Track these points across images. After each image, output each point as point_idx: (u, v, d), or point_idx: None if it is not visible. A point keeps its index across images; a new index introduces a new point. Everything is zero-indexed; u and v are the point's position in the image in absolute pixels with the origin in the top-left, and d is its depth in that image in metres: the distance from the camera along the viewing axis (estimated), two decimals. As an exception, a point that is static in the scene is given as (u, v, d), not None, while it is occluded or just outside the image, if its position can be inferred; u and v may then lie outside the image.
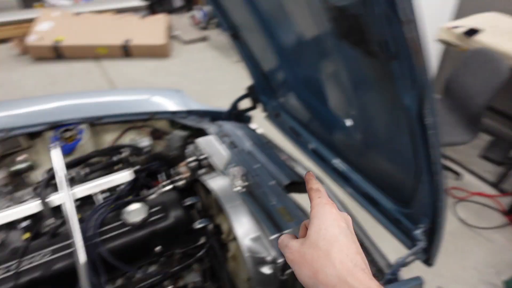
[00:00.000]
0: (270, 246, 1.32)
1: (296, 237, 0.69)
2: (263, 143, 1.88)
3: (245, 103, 2.13)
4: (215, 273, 1.59)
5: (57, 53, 5.62)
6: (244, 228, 1.37)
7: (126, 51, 5.71)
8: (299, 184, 1.69)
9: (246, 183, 1.52)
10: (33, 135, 1.83)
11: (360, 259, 0.61)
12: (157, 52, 5.75)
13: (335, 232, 0.63)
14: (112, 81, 5.21)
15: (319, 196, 0.69)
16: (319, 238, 0.62)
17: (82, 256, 1.17)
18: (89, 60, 5.73)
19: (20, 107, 1.88)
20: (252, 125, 2.13)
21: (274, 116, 2.00)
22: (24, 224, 1.47)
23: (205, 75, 5.24)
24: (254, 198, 1.47)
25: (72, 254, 1.27)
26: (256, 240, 1.36)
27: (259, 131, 2.05)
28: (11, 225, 1.49)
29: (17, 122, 1.73)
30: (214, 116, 2.09)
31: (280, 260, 1.29)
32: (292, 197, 1.55)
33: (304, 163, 1.82)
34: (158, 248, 1.43)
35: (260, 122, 2.16)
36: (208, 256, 1.56)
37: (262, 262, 1.33)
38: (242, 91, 2.07)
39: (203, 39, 6.40)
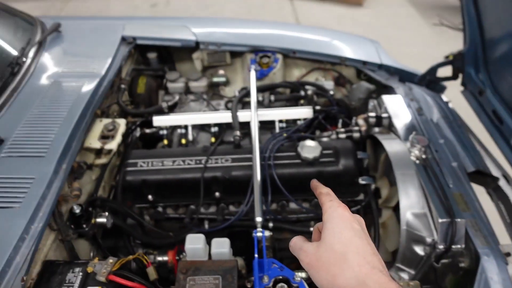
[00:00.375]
0: (435, 228, 1.23)
1: (309, 240, 0.68)
2: (453, 119, 1.68)
3: (442, 71, 1.90)
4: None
5: (258, -16, 5.95)
6: (409, 200, 1.30)
7: (321, -7, 5.67)
8: (485, 176, 1.48)
9: (424, 156, 1.41)
10: (235, 54, 2.02)
11: (377, 261, 0.60)
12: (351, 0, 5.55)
13: (350, 235, 0.62)
14: (299, 21, 5.30)
15: (330, 199, 0.68)
16: (334, 241, 0.62)
17: (258, 172, 1.28)
18: (284, -4, 5.91)
19: (229, 27, 2.08)
20: (444, 97, 1.92)
21: (476, 93, 1.74)
22: (213, 129, 1.68)
23: (394, 33, 4.85)
24: (430, 174, 1.35)
25: (249, 168, 1.41)
26: (419, 216, 1.27)
27: (451, 105, 1.84)
28: (203, 127, 1.72)
29: (227, 39, 1.92)
30: (404, 76, 1.94)
31: (441, 247, 1.19)
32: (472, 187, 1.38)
33: (495, 156, 1.58)
34: (318, 189, 1.47)
35: (450, 95, 1.92)
36: (358, 214, 1.55)
37: (418, 240, 1.25)
38: (434, 59, 1.86)
39: (404, -8, 5.88)
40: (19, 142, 1.23)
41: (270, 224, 1.47)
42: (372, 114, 1.59)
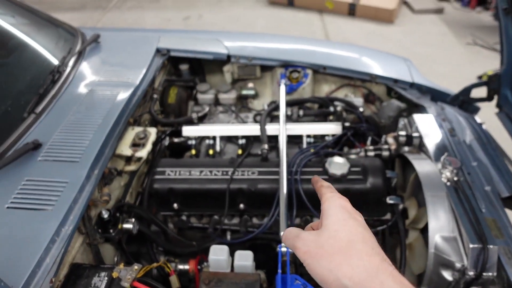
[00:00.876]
0: (465, 253, 1.18)
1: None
2: (487, 141, 1.63)
3: (476, 92, 1.86)
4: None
5: (289, 0, 6.01)
6: (439, 223, 1.26)
7: (352, 10, 5.66)
8: (520, 202, 1.43)
9: (456, 178, 1.37)
10: (265, 68, 2.04)
11: (384, 254, 0.55)
12: (382, 16, 5.51)
13: (355, 224, 0.58)
14: (329, 37, 5.30)
15: (331, 191, 0.64)
16: (339, 229, 0.57)
17: (284, 186, 1.28)
18: (314, 13, 5.94)
19: (261, 41, 2.11)
20: (478, 118, 1.86)
21: (512, 115, 1.69)
22: (241, 141, 1.69)
23: (425, 51, 4.78)
24: (461, 197, 1.31)
25: (275, 181, 1.41)
26: (448, 240, 1.23)
27: (484, 126, 1.78)
28: (230, 139, 1.74)
29: (258, 54, 1.95)
30: (436, 96, 1.90)
31: (471, 273, 1.15)
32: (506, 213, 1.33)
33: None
34: (344, 206, 1.45)
35: (484, 117, 1.87)
36: (384, 235, 1.52)
37: (447, 265, 1.21)
38: (467, 79, 1.81)
39: (438, 11, 5.76)
40: (55, 147, 1.28)
41: None
42: (403, 133, 1.56)
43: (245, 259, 1.13)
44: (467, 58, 4.58)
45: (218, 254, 1.12)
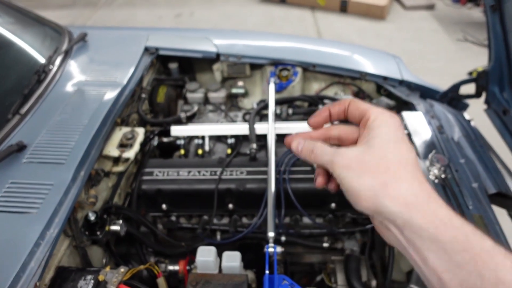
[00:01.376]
0: (452, 250, 1.19)
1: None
2: (475, 138, 1.64)
3: (465, 88, 1.86)
4: (372, 251, 1.54)
5: (282, -3, 6.01)
6: (427, 221, 1.27)
7: (344, 7, 5.66)
8: (507, 198, 1.43)
9: (444, 175, 1.37)
10: (254, 66, 2.03)
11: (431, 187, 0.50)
12: (374, 13, 5.52)
13: (407, 149, 0.52)
14: (320, 34, 5.30)
15: (373, 105, 0.56)
16: (388, 151, 0.51)
17: (272, 185, 1.27)
18: (306, 9, 5.94)
19: (250, 39, 2.10)
20: (466, 115, 1.87)
21: (500, 112, 1.70)
22: (229, 140, 1.68)
23: (416, 48, 4.80)
24: (449, 194, 1.31)
25: (264, 181, 1.40)
26: (436, 237, 1.24)
27: (473, 123, 1.79)
28: (220, 138, 1.73)
29: (247, 52, 1.93)
30: (426, 92, 1.90)
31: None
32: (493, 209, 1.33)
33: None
34: (333, 205, 1.46)
35: (472, 113, 1.88)
36: (373, 232, 1.52)
37: (435, 262, 1.21)
38: (457, 75, 1.81)
39: (429, 7, 5.78)
40: (40, 148, 1.26)
41: (283, 238, 1.45)
42: (391, 130, 1.56)
43: (232, 260, 1.12)
44: (458, 54, 4.60)
45: (205, 255, 1.11)
